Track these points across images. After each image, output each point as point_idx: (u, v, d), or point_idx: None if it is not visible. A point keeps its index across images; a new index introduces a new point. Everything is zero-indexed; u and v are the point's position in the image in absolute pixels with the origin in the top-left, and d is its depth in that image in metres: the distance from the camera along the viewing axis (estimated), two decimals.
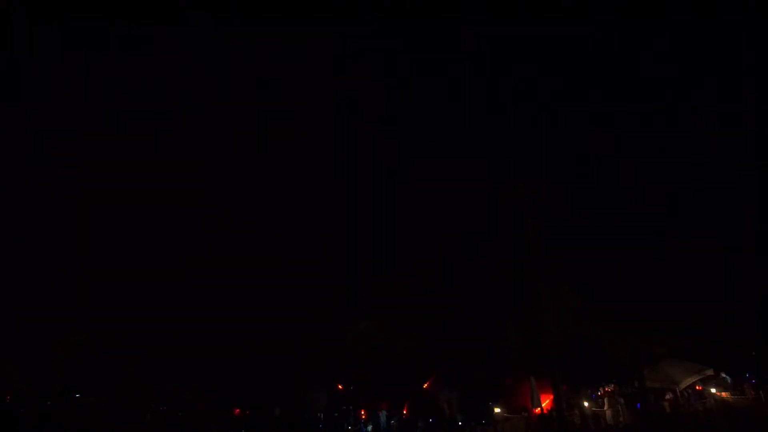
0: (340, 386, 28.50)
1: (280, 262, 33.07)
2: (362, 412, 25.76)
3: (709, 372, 20.73)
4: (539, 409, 21.26)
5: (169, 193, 36.00)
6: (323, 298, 29.68)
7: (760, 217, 29.10)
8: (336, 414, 25.55)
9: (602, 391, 25.17)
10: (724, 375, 22.34)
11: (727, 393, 20.83)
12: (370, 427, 23.98)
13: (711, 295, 26.59)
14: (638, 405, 21.23)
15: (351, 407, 26.37)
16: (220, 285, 30.17)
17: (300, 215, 38.60)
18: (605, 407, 21.23)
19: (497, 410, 23.24)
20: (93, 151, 34.18)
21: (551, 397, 21.93)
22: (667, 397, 20.81)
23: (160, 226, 34.10)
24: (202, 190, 37.77)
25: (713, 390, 20.88)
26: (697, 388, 21.47)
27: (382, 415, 24.40)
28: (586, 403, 21.94)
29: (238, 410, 25.53)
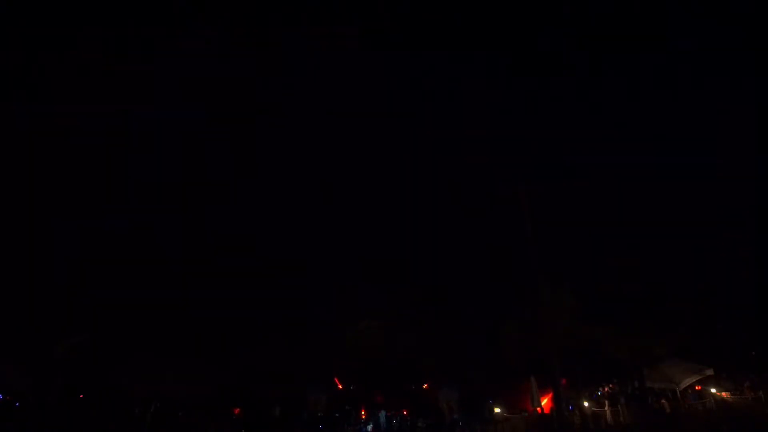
0: (340, 386, 28.51)
1: (279, 262, 33.08)
2: (362, 412, 25.76)
3: (709, 372, 20.72)
4: (539, 408, 21.31)
5: (167, 194, 36.02)
6: (323, 298, 29.74)
7: (761, 216, 29.10)
8: (336, 414, 25.53)
9: (602, 391, 25.17)
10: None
11: (727, 393, 20.83)
12: (370, 427, 23.97)
13: (711, 295, 26.62)
14: (638, 405, 21.24)
15: (351, 407, 26.36)
16: (220, 285, 30.17)
17: (299, 215, 38.59)
18: (605, 407, 21.25)
19: (497, 410, 23.26)
20: (88, 154, 34.12)
21: (551, 396, 21.99)
22: (662, 401, 20.79)
23: (158, 225, 34.13)
24: (200, 191, 37.78)
25: (713, 390, 20.88)
26: (697, 388, 21.47)
27: (382, 415, 24.39)
28: (586, 403, 21.97)
29: (237, 410, 25.52)
